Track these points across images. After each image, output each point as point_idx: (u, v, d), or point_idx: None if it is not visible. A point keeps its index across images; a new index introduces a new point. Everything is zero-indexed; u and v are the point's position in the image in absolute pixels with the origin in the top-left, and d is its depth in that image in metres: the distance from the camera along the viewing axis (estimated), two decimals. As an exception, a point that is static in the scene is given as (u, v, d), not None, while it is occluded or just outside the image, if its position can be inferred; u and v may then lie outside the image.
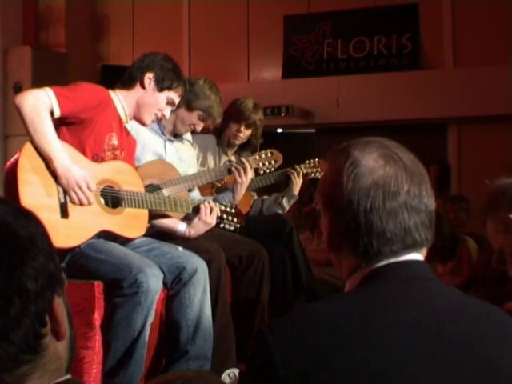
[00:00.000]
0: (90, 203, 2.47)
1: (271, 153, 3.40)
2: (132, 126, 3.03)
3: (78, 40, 6.66)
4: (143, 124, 2.80)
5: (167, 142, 3.20)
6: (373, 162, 1.10)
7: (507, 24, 5.65)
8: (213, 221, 2.84)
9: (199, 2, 6.76)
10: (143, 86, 2.71)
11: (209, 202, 2.85)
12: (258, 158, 3.37)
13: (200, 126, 3.27)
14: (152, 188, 2.89)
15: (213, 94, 3.25)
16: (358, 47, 6.32)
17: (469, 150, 6.04)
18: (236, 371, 2.78)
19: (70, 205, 2.44)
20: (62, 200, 2.43)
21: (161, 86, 2.71)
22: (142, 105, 2.72)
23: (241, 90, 4.25)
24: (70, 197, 2.44)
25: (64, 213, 2.41)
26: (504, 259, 1.78)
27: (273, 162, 3.40)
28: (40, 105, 2.38)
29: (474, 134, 6.01)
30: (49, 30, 6.61)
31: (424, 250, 1.13)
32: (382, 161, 1.11)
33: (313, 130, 6.70)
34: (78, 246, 2.46)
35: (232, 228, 2.97)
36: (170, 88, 2.73)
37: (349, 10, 6.35)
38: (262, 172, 3.46)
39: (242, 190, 3.27)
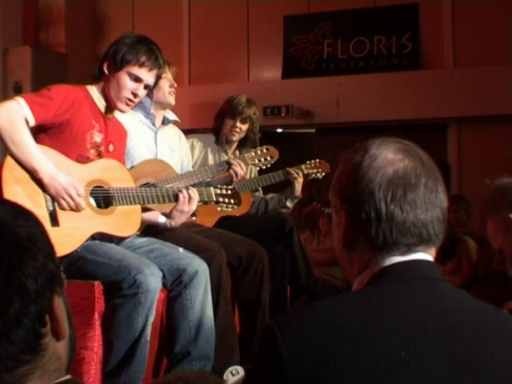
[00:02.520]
0: (81, 209, 2.45)
1: (267, 149, 3.43)
2: (125, 122, 3.03)
3: (78, 40, 6.66)
4: (119, 110, 2.70)
5: (158, 134, 3.20)
6: (392, 155, 1.13)
7: (507, 24, 5.65)
8: (192, 208, 2.75)
9: (199, 1, 6.76)
10: (104, 74, 2.63)
11: (187, 189, 2.76)
12: (253, 154, 3.39)
13: (170, 80, 3.20)
14: (148, 187, 2.88)
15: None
16: (358, 47, 6.32)
17: (469, 149, 6.04)
18: (239, 368, 2.77)
19: (59, 212, 2.41)
20: (51, 208, 2.40)
21: (118, 65, 2.60)
22: (109, 91, 2.64)
23: (241, 90, 4.23)
24: (61, 205, 2.42)
25: (54, 221, 2.39)
26: (504, 259, 1.78)
27: (269, 158, 3.42)
28: (14, 116, 2.34)
29: (474, 134, 6.01)
30: (49, 30, 6.61)
31: (434, 250, 1.14)
32: (400, 154, 1.13)
33: (313, 130, 6.70)
34: (70, 256, 2.44)
35: (230, 209, 2.92)
36: (128, 62, 2.60)
37: (349, 10, 6.35)
38: (258, 168, 3.49)
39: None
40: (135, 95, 2.64)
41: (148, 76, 2.65)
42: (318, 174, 3.74)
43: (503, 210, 1.75)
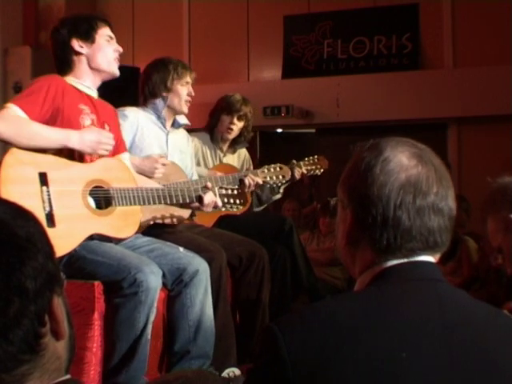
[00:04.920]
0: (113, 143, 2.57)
1: (280, 167, 3.39)
2: (138, 124, 3.04)
3: (78, 40, 6.65)
4: (114, 76, 2.74)
5: (168, 137, 3.21)
6: (406, 160, 1.11)
7: (507, 24, 5.65)
8: (210, 210, 2.85)
9: (199, 1, 6.76)
10: (80, 54, 2.67)
11: (214, 196, 2.80)
12: (266, 171, 3.37)
13: (189, 87, 3.23)
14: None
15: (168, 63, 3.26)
16: (358, 47, 6.32)
17: (469, 149, 6.03)
18: (236, 370, 2.78)
19: (56, 213, 2.39)
20: (48, 209, 2.38)
21: (91, 38, 2.68)
22: (97, 64, 2.68)
23: (241, 90, 4.23)
24: (103, 154, 2.54)
25: (50, 222, 2.37)
26: (504, 258, 1.78)
27: (280, 177, 3.40)
28: (12, 120, 2.37)
29: (474, 134, 6.01)
30: (49, 30, 6.58)
31: (438, 255, 1.14)
32: (414, 160, 1.12)
33: (313, 130, 6.70)
34: (71, 252, 2.43)
35: (235, 210, 2.95)
36: (95, 30, 2.69)
37: (349, 10, 6.35)
38: (268, 186, 3.46)
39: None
40: (118, 50, 2.74)
41: (109, 29, 2.75)
42: (317, 171, 3.73)
43: (503, 210, 1.75)
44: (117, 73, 2.74)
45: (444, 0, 6.09)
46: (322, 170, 3.73)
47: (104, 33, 2.71)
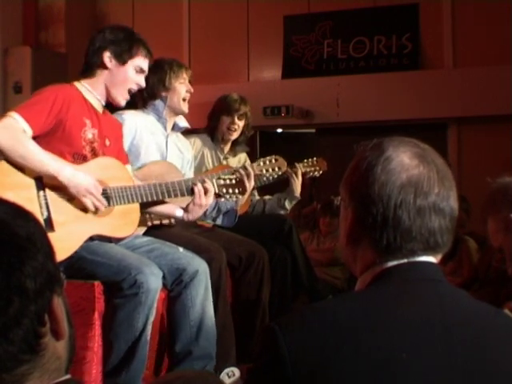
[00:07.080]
0: (104, 205, 2.47)
1: (276, 159, 3.33)
2: (136, 128, 3.03)
3: (78, 40, 6.64)
4: (117, 104, 2.71)
5: (168, 139, 3.21)
6: (407, 160, 1.11)
7: (507, 24, 5.65)
8: (209, 201, 2.76)
9: (199, 1, 6.76)
10: (105, 67, 2.64)
11: (203, 182, 2.73)
12: (261, 164, 3.31)
13: (187, 84, 3.23)
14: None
15: None
16: (358, 47, 6.31)
17: (469, 149, 6.03)
18: (235, 370, 2.78)
19: (54, 217, 2.39)
20: (46, 214, 2.38)
21: (123, 59, 2.64)
22: (112, 85, 2.65)
23: (241, 90, 4.23)
24: (85, 204, 2.43)
25: (49, 227, 2.36)
26: (504, 258, 1.78)
27: (276, 169, 3.33)
28: (14, 133, 2.34)
29: (474, 134, 6.00)
30: (49, 30, 6.60)
31: (440, 255, 1.13)
32: (416, 160, 1.11)
33: (313, 130, 6.70)
34: (70, 257, 2.42)
35: (234, 199, 2.89)
36: (131, 56, 2.65)
37: (349, 10, 6.34)
38: (264, 179, 3.39)
39: (245, 196, 3.22)
40: (140, 86, 2.71)
41: (147, 66, 2.73)
42: (316, 173, 3.73)
43: (504, 210, 1.75)
44: (122, 104, 2.72)
45: (444, 0, 6.09)
46: (320, 172, 3.72)
47: (137, 63, 2.67)
